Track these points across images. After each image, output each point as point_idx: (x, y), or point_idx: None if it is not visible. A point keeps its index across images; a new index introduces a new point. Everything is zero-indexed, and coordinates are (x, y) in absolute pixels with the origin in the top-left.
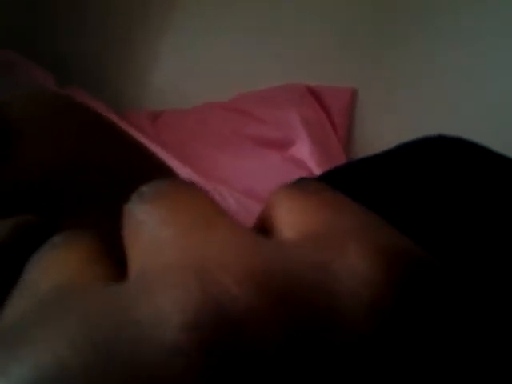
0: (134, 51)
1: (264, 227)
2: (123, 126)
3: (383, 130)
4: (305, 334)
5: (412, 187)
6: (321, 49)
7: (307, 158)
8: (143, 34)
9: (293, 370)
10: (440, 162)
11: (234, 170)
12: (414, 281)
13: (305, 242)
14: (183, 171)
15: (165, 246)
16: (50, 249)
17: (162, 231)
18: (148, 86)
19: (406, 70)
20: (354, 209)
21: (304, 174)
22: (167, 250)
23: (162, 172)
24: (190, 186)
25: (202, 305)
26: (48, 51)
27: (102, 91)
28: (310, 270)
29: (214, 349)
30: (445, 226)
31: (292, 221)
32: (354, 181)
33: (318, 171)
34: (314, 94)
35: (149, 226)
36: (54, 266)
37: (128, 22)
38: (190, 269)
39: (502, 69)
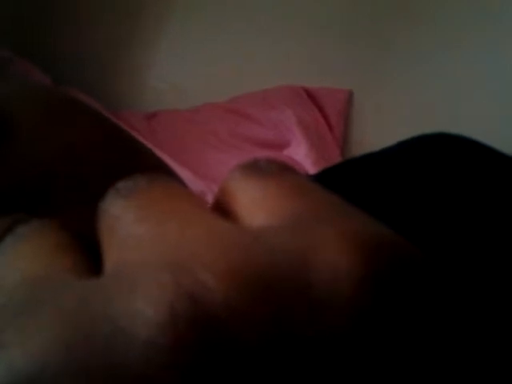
0: (130, 52)
1: (221, 211)
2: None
3: (379, 132)
4: (282, 327)
5: (411, 184)
6: (318, 50)
7: (303, 158)
8: (140, 35)
9: (271, 364)
10: (440, 159)
11: (229, 170)
12: (395, 274)
13: (278, 231)
14: (178, 171)
15: (140, 241)
16: (15, 241)
17: (137, 227)
18: (144, 86)
19: (402, 71)
20: (321, 193)
21: None
22: (142, 245)
23: (159, 170)
24: (168, 181)
25: (177, 300)
26: (44, 51)
27: (98, 91)
28: (286, 261)
29: (191, 344)
30: (444, 223)
31: (255, 206)
32: (353, 178)
33: (313, 172)
34: (310, 95)
35: (124, 221)
36: (21, 259)
37: (125, 22)
38: (164, 263)
39: (501, 69)
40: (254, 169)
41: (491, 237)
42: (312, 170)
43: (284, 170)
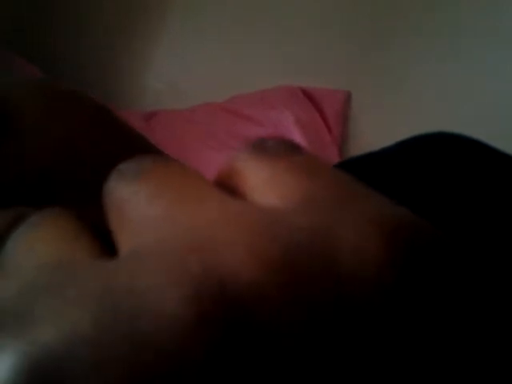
0: (129, 52)
1: (226, 192)
2: None
3: (378, 132)
4: (308, 308)
5: (411, 184)
6: (316, 51)
7: None
8: (139, 34)
9: (295, 345)
10: (440, 158)
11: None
12: (418, 254)
13: (295, 212)
14: None
15: (155, 221)
16: (30, 228)
17: (150, 208)
18: (143, 86)
19: (401, 72)
20: (334, 173)
21: None
22: (158, 225)
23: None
24: (172, 160)
25: (202, 278)
26: (43, 51)
27: (97, 91)
28: (309, 241)
29: (216, 321)
30: (444, 222)
31: (267, 188)
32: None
33: None
34: (308, 95)
35: (135, 203)
36: (38, 245)
37: (124, 22)
38: (184, 242)
39: (502, 68)
40: (262, 149)
41: (491, 235)
42: None
43: (293, 150)
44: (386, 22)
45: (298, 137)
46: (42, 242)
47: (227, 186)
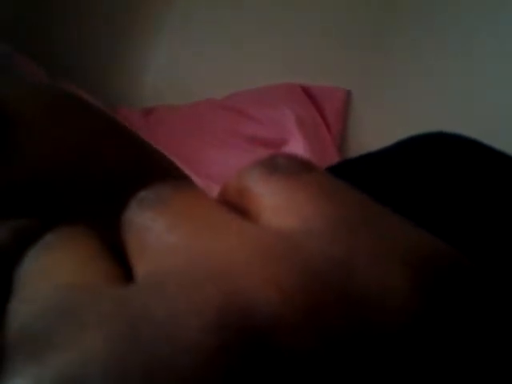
0: (129, 49)
1: (236, 210)
2: None
3: (377, 131)
4: (331, 337)
5: (410, 184)
6: (317, 49)
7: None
8: (139, 31)
9: (316, 375)
10: (439, 158)
11: (226, 167)
12: (442, 283)
13: (314, 236)
14: None
15: (174, 249)
16: (45, 249)
17: (169, 236)
18: (143, 82)
19: (401, 71)
20: (350, 194)
21: None
22: (177, 253)
23: (167, 172)
24: (193, 189)
25: (223, 309)
26: (43, 48)
27: (96, 88)
28: (330, 271)
29: (237, 350)
30: (443, 223)
31: (282, 209)
32: (351, 178)
33: None
34: (308, 93)
35: (154, 231)
36: (54, 267)
37: (124, 18)
38: (203, 270)
39: (502, 68)
40: (274, 167)
41: (491, 236)
42: None
43: (306, 168)
44: (386, 21)
45: (297, 134)
46: (59, 265)
47: (238, 205)
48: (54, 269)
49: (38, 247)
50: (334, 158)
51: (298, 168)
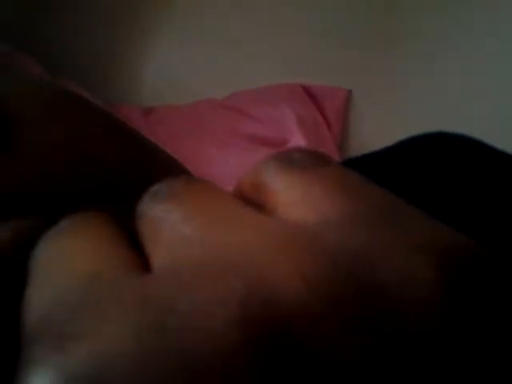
0: (129, 48)
1: (252, 205)
2: None
3: (378, 131)
4: (358, 329)
5: (413, 185)
6: (317, 49)
7: None
8: (139, 30)
9: (339, 370)
10: (441, 158)
11: (227, 167)
12: (466, 276)
13: (333, 229)
14: None
15: (190, 241)
16: (60, 236)
17: (184, 227)
18: (143, 81)
19: (402, 71)
20: (368, 187)
21: None
22: (193, 244)
23: (170, 169)
24: (207, 182)
25: (247, 301)
26: (43, 47)
27: (96, 87)
28: (351, 262)
29: (263, 342)
30: (446, 223)
31: (299, 203)
32: None
33: None
34: (309, 93)
35: (169, 222)
36: (72, 254)
37: (124, 18)
38: (225, 261)
39: (503, 68)
40: (290, 162)
41: (492, 236)
42: None
43: (322, 162)
44: (386, 21)
45: (298, 134)
46: (77, 252)
47: (253, 200)
48: (72, 256)
49: (52, 233)
50: (334, 158)
51: (314, 162)
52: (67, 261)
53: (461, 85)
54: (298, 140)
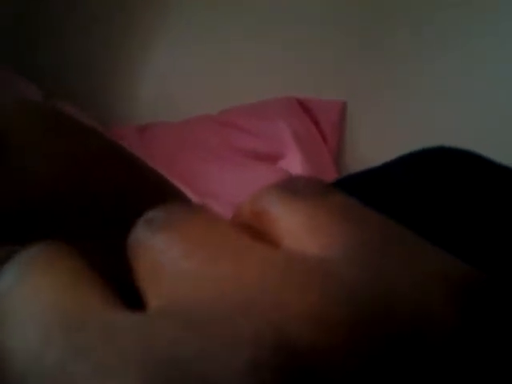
0: (123, 64)
1: (253, 233)
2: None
3: (374, 144)
4: (381, 374)
5: (414, 201)
6: (313, 62)
7: (298, 170)
8: (133, 48)
9: None
10: (442, 174)
11: (223, 183)
12: (483, 310)
13: (344, 263)
14: None
15: (193, 277)
16: (22, 269)
17: (186, 262)
18: (137, 99)
19: (398, 83)
20: (374, 217)
21: None
22: (196, 282)
23: (163, 193)
24: (207, 211)
25: (258, 347)
26: (35, 65)
27: (90, 105)
28: (366, 301)
29: None
30: (447, 238)
31: (305, 233)
32: (354, 194)
33: None
34: (304, 106)
35: (169, 255)
36: (38, 290)
37: (116, 35)
38: (231, 302)
39: (503, 79)
40: (293, 190)
41: (493, 251)
42: None
43: (324, 190)
44: (383, 32)
45: (294, 148)
46: (43, 287)
47: (254, 228)
48: (40, 292)
49: (13, 268)
50: (330, 171)
51: (316, 190)
52: (36, 298)
53: (461, 85)
54: (293, 154)
